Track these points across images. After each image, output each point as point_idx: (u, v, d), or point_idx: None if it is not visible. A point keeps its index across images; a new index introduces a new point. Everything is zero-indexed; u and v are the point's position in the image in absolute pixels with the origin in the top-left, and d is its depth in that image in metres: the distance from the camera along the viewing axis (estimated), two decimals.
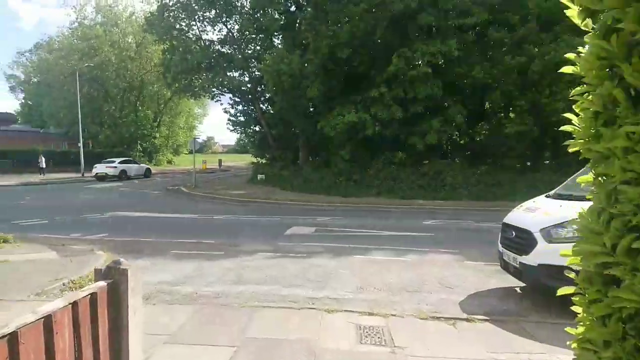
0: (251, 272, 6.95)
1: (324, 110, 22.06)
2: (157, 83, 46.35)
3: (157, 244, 9.55)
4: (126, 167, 32.35)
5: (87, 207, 16.31)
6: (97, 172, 30.92)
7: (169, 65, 28.55)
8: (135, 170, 33.66)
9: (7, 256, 7.29)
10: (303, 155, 26.49)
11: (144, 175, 34.35)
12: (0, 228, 11.08)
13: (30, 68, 51.44)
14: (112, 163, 31.77)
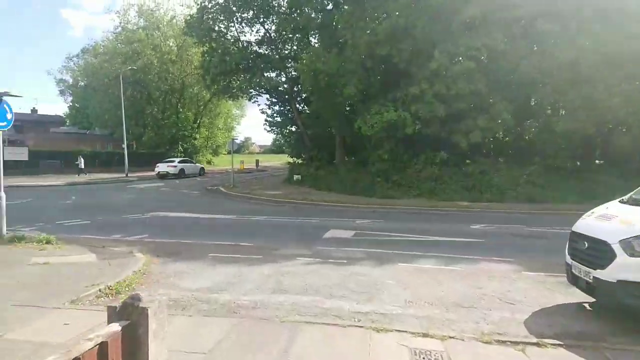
0: (290, 280, 6.58)
1: (361, 109, 21.53)
2: (197, 85, 47.27)
3: (196, 246, 9.40)
4: (184, 166, 35.24)
5: (128, 207, 16.60)
6: (160, 170, 33.63)
7: (208, 67, 28.93)
8: (192, 169, 36.41)
9: (48, 258, 7.30)
10: (339, 155, 26.06)
11: (199, 173, 36.99)
12: (46, 228, 11.41)
13: (78, 72, 53.88)
14: (172, 162, 34.81)
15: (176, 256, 8.37)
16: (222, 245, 9.36)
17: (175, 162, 34.89)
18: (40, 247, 8.24)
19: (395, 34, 19.31)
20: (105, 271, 6.69)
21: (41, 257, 7.44)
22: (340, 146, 26.03)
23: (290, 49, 29.47)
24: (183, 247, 9.31)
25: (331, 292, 5.96)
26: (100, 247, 8.66)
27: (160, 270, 7.28)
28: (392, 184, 20.17)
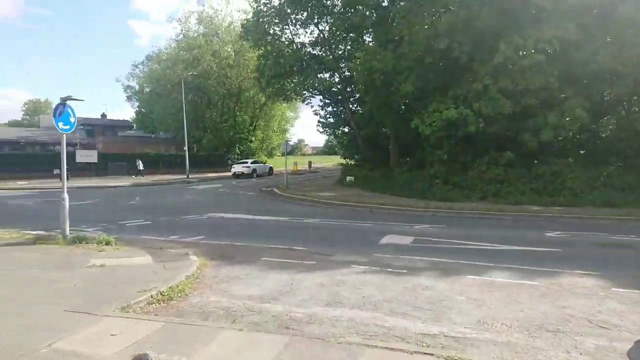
0: (347, 291, 6.10)
1: (418, 107, 20.59)
2: (253, 89, 48.31)
3: (249, 248, 9.21)
4: (256, 166, 38.63)
5: (188, 208, 16.98)
6: (235, 170, 37.26)
7: (263, 70, 29.25)
8: (262, 169, 39.44)
9: (105, 260, 7.37)
10: (394, 156, 25.20)
11: (268, 173, 39.63)
12: (109, 228, 11.81)
13: (143, 79, 57.08)
14: (246, 163, 38.63)
15: (229, 259, 8.21)
16: (275, 249, 9.09)
17: (248, 163, 38.68)
18: (100, 249, 8.41)
19: (455, 27, 18.23)
20: (159, 274, 6.60)
21: (99, 258, 7.54)
22: (395, 147, 25.18)
23: (344, 49, 29.07)
24: (236, 249, 9.16)
25: (392, 307, 5.40)
26: (157, 249, 8.71)
27: (213, 274, 7.11)
28: (452, 186, 19.04)
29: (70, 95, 9.21)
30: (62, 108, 9.14)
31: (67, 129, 9.26)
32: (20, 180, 30.01)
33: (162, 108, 48.09)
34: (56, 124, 9.10)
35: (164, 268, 7.02)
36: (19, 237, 9.76)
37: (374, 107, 23.46)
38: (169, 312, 5.19)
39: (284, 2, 27.12)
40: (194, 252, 8.51)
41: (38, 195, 21.40)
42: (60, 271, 6.66)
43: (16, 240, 9.27)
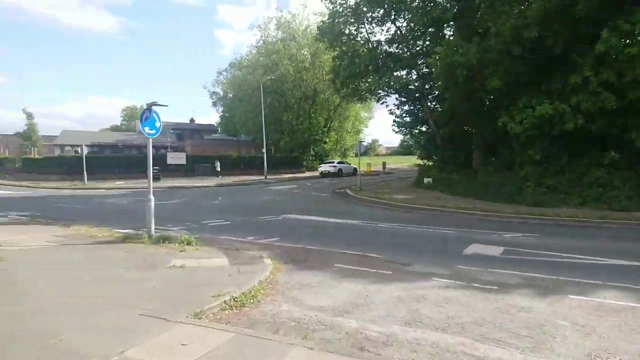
0: (428, 308, 5.53)
1: (506, 104, 18.98)
2: (327, 90, 48.65)
3: (322, 253, 8.97)
4: (342, 166, 40.79)
5: (264, 209, 17.32)
6: (322, 170, 40.10)
7: (338, 71, 29.16)
8: (347, 169, 40.99)
9: (185, 261, 7.56)
10: (478, 157, 23.55)
11: (353, 173, 39.92)
12: (192, 228, 12.33)
13: (226, 85, 60.21)
14: (332, 163, 41.27)
15: (302, 264, 8.02)
16: (348, 255, 8.74)
17: (334, 163, 41.26)
18: (181, 248, 8.70)
19: (548, 15, 16.45)
20: (233, 278, 6.57)
21: (180, 259, 7.76)
22: (478, 146, 23.53)
23: (422, 45, 27.89)
24: (309, 253, 8.96)
25: (482, 331, 4.75)
26: (234, 250, 8.81)
27: (286, 279, 6.94)
28: (545, 189, 17.22)
29: (155, 101, 9.68)
30: (148, 113, 9.64)
31: (152, 134, 9.75)
32: (118, 180, 33.10)
33: (243, 112, 50.30)
34: (142, 128, 9.61)
35: (238, 271, 7.00)
36: (110, 235, 10.49)
37: (455, 104, 22.13)
38: (241, 320, 5.07)
39: (360, 1, 26.74)
40: (267, 255, 8.47)
41: (131, 194, 23.32)
42: (142, 271, 6.92)
43: (107, 239, 9.96)
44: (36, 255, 7.98)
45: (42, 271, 6.74)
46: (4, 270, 6.64)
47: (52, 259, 7.67)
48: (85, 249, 8.68)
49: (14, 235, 9.98)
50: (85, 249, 8.68)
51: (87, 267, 7.14)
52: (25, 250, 8.41)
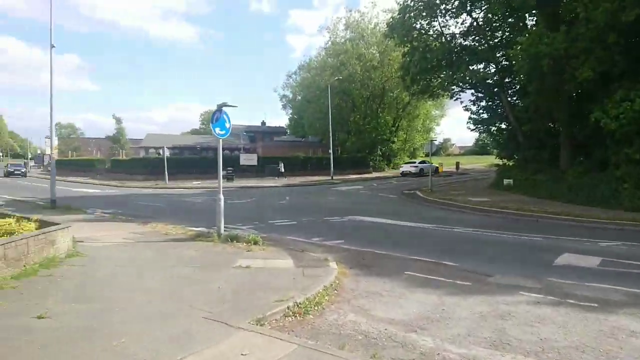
0: (516, 328, 4.81)
1: (599, 96, 16.94)
2: (396, 89, 47.42)
3: (390, 259, 8.43)
4: (423, 166, 39.43)
5: (330, 209, 17.06)
6: (403, 170, 40.14)
7: (408, 67, 28.15)
8: (428, 168, 39.55)
9: (250, 261, 7.46)
10: (565, 156, 21.32)
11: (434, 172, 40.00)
12: (260, 227, 12.39)
13: (296, 87, 61.19)
14: (414, 163, 40.93)
15: (369, 269, 7.56)
16: (420, 262, 8.11)
17: (416, 163, 40.84)
18: (248, 248, 8.65)
19: None
20: (298, 282, 6.30)
21: (245, 259, 7.68)
22: (566, 144, 21.31)
23: (501, 36, 26.00)
24: (376, 258, 8.47)
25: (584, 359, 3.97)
26: (299, 252, 8.59)
27: (352, 286, 6.53)
28: None
29: (225, 102, 9.77)
30: (219, 114, 9.76)
31: (222, 134, 9.86)
32: (195, 180, 34.86)
33: (311, 113, 50.69)
34: (213, 129, 9.76)
35: (303, 275, 6.73)
36: (183, 232, 10.81)
37: (539, 99, 20.29)
38: (304, 329, 4.75)
39: None
40: (333, 258, 8.12)
41: (207, 194, 24.32)
42: (209, 271, 6.91)
43: (180, 236, 10.26)
44: (113, 251, 8.36)
45: (116, 268, 6.99)
46: (82, 266, 6.97)
47: (127, 256, 7.98)
48: (158, 247, 8.96)
49: (96, 232, 10.65)
50: (158, 247, 8.96)
51: (157, 265, 7.30)
52: (104, 246, 8.87)
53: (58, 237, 7.35)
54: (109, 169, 43.66)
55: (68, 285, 5.89)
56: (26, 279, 6.00)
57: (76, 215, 14.55)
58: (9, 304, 4.99)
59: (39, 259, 6.67)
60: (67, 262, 7.14)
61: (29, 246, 6.42)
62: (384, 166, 50.09)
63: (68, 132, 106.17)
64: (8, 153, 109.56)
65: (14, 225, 7.89)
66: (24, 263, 6.28)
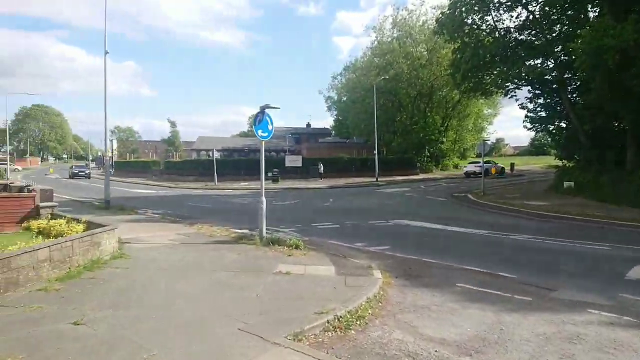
0: (587, 355, 4.18)
1: None
2: (445, 87, 45.89)
3: (440, 268, 7.88)
4: (487, 166, 37.75)
5: (375, 212, 16.58)
6: (467, 170, 39.72)
7: (458, 64, 26.98)
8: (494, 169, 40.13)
9: (291, 267, 7.21)
10: (632, 156, 19.47)
11: (500, 173, 40.08)
12: (302, 230, 12.17)
13: (340, 88, 60.94)
14: (478, 163, 38.59)
15: (416, 280, 7.06)
16: (473, 273, 7.50)
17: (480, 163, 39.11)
18: (289, 252, 8.43)
19: None
20: (339, 291, 5.96)
21: (286, 264, 7.46)
22: (633, 144, 19.44)
23: (560, 29, 24.24)
24: (424, 267, 7.94)
25: None
26: (341, 258, 8.25)
27: (398, 298, 6.09)
28: None
29: (268, 104, 9.62)
30: (261, 116, 9.63)
31: (265, 136, 9.72)
32: (242, 181, 35.50)
33: (356, 114, 50.19)
34: (255, 131, 9.64)
35: (344, 284, 6.38)
36: (227, 234, 10.80)
37: (603, 95, 18.64)
38: (345, 346, 4.39)
39: None
40: (377, 265, 7.71)
41: (252, 195, 24.56)
42: (249, 276, 6.73)
43: (224, 238, 10.25)
44: (157, 253, 8.42)
45: (157, 272, 6.98)
46: (125, 268, 7.03)
47: (169, 259, 7.99)
48: (201, 249, 8.95)
49: (144, 233, 10.88)
50: (201, 249, 8.95)
51: (198, 269, 7.24)
52: (149, 248, 8.99)
53: (103, 239, 7.48)
54: (163, 171, 45.55)
55: (108, 288, 5.90)
56: (70, 280, 6.10)
57: (127, 216, 15.09)
58: (49, 308, 5.04)
59: (83, 260, 6.80)
60: (111, 264, 7.24)
61: (73, 248, 6.55)
62: (431, 167, 48.53)
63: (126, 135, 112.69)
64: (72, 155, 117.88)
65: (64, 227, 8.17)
66: (68, 265, 6.41)
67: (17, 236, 8.51)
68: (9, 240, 8.59)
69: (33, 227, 9.13)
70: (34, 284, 5.66)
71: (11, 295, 5.29)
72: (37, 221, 9.34)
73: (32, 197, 10.16)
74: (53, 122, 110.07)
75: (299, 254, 8.42)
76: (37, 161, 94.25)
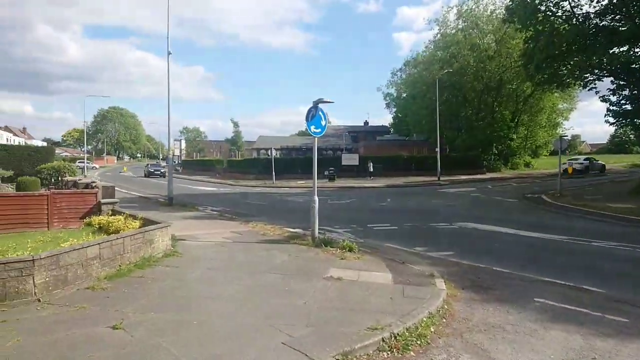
0: None
1: None
2: (516, 80, 42.71)
3: (513, 279, 6.95)
4: (589, 163, 38.79)
5: (436, 214, 15.58)
6: (567, 166, 37.21)
7: (532, 53, 24.80)
8: (594, 166, 38.95)
9: (343, 272, 6.68)
10: None
11: (599, 171, 38.53)
12: (357, 231, 11.60)
13: (400, 84, 59.14)
14: (578, 160, 40.01)
15: (487, 292, 6.22)
16: (553, 285, 6.51)
17: (580, 160, 39.83)
18: (341, 255, 7.90)
19: None
20: (396, 303, 5.33)
21: (338, 268, 6.94)
22: None
23: None
24: (495, 277, 7.05)
25: None
26: (399, 263, 7.58)
27: (465, 314, 5.33)
28: None
29: (321, 98, 9.16)
30: (314, 111, 9.18)
31: (318, 133, 9.27)
32: (299, 180, 35.53)
33: (417, 110, 48.30)
34: (308, 127, 9.22)
35: (403, 294, 5.73)
36: (280, 233, 10.52)
37: None
38: None
39: None
40: (440, 274, 6.96)
41: (308, 193, 24.24)
42: (298, 280, 6.30)
43: (276, 237, 9.98)
44: (209, 252, 8.28)
45: (207, 272, 6.77)
46: (175, 267, 6.90)
47: (220, 258, 7.80)
48: (253, 249, 8.71)
49: (200, 230, 10.92)
50: (253, 249, 8.71)
51: (247, 270, 6.93)
52: (202, 245, 8.90)
53: (156, 237, 7.44)
54: (225, 169, 47.09)
55: (155, 289, 5.73)
56: (119, 279, 6.04)
57: (188, 212, 15.44)
58: (92, 308, 4.93)
59: (135, 258, 6.76)
60: (162, 262, 7.16)
61: (125, 245, 6.51)
62: (499, 166, 45.43)
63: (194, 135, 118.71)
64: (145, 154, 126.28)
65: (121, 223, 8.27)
66: (119, 263, 6.37)
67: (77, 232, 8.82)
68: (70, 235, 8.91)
69: (94, 222, 9.43)
70: (82, 282, 5.63)
71: (59, 293, 5.27)
72: (98, 217, 9.65)
73: (94, 193, 10.57)
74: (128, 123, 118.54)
75: (352, 257, 7.87)
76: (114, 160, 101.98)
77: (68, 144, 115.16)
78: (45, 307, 4.88)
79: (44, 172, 19.05)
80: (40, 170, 19.22)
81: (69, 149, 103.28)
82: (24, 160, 25.55)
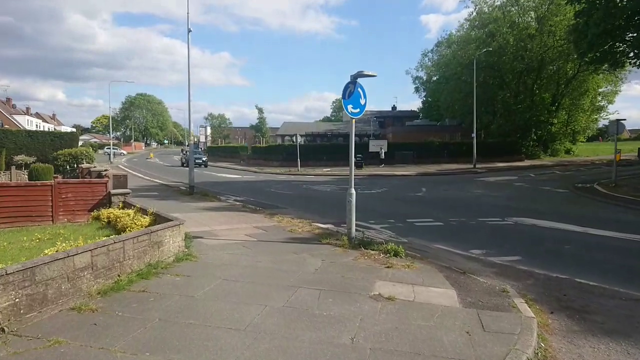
0: None
1: None
2: (558, 60, 39.68)
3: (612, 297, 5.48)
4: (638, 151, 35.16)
5: (482, 206, 13.94)
6: None
7: (583, 29, 22.36)
8: None
9: (393, 287, 5.27)
10: None
11: None
12: (396, 227, 10.22)
13: (431, 67, 56.37)
14: None
15: (584, 319, 4.73)
16: None
17: None
18: (386, 262, 6.49)
19: None
20: (476, 343, 3.88)
21: (386, 281, 5.56)
22: None
23: None
24: (584, 294, 5.53)
25: None
26: (460, 274, 6.15)
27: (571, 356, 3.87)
28: None
29: (361, 71, 7.66)
30: (352, 87, 7.72)
31: (356, 113, 7.81)
32: (324, 167, 34.14)
33: (449, 93, 45.74)
34: (345, 107, 7.77)
35: (481, 326, 4.27)
36: (310, 230, 9.24)
37: None
38: None
39: None
40: (513, 289, 5.50)
41: (335, 182, 22.94)
42: (337, 300, 4.93)
43: (305, 235, 8.70)
44: (228, 255, 7.01)
45: (224, 284, 5.48)
46: (186, 277, 5.65)
47: (240, 264, 6.50)
48: (279, 251, 7.41)
49: (220, 225, 9.75)
50: (279, 251, 7.41)
51: (272, 282, 5.59)
52: (221, 246, 7.65)
53: (165, 237, 6.20)
54: (250, 155, 46.21)
55: (156, 313, 4.43)
56: (116, 294, 4.81)
57: (209, 203, 14.34)
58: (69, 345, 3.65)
59: (138, 265, 5.54)
60: (171, 269, 5.92)
61: (125, 251, 5.27)
62: (539, 153, 42.66)
63: (219, 121, 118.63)
64: (172, 140, 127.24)
65: (129, 220, 7.11)
66: (117, 272, 5.13)
67: (83, 227, 7.74)
68: (74, 231, 7.84)
69: (103, 216, 8.36)
70: (68, 300, 4.42)
71: (34, 317, 4.05)
72: (107, 210, 8.57)
73: (104, 183, 9.46)
74: (155, 110, 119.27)
75: (400, 264, 6.46)
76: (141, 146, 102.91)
77: (98, 130, 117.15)
78: (5, 344, 3.63)
79: (60, 158, 18.26)
80: (56, 157, 18.45)
81: (98, 135, 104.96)
82: (47, 147, 25.16)
